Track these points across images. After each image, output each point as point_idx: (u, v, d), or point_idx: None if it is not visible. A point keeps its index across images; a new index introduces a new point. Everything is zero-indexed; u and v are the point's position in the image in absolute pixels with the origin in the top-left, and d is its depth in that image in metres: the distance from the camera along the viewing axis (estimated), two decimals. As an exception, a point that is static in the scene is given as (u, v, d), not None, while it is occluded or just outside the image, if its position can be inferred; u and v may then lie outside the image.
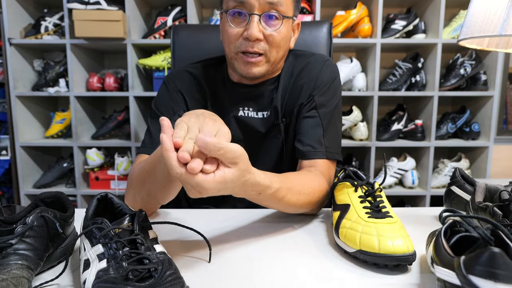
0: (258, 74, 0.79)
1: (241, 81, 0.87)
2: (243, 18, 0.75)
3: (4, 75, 1.92)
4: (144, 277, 0.40)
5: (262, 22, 0.74)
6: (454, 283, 0.37)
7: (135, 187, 0.68)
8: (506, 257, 0.33)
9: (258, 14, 0.73)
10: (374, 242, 0.50)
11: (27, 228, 0.45)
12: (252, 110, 0.86)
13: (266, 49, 0.76)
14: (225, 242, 0.60)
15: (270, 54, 0.77)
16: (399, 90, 1.94)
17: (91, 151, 1.93)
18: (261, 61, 0.77)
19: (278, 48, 0.78)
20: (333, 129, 0.83)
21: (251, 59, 0.76)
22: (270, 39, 0.76)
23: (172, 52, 1.12)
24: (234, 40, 0.76)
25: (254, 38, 0.74)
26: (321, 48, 1.09)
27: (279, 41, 0.77)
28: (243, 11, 0.74)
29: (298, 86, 0.86)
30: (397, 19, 1.89)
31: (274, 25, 0.75)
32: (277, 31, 0.76)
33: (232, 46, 0.77)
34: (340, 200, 0.62)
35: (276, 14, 0.74)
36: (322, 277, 0.49)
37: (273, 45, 0.77)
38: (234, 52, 0.78)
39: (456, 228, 0.45)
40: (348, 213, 0.58)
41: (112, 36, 1.77)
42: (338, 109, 0.87)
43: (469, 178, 0.73)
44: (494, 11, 0.71)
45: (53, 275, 0.46)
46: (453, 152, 2.14)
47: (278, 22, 0.75)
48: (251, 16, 0.73)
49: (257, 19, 0.73)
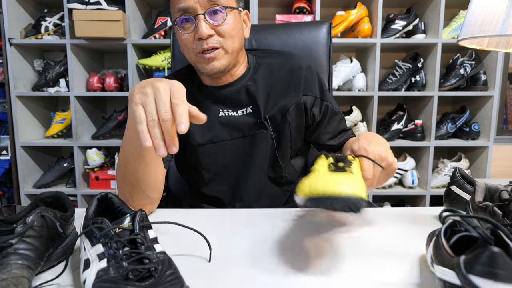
0: (221, 66, 0.81)
1: (212, 83, 0.89)
2: (191, 23, 0.78)
3: (4, 75, 1.92)
4: (144, 276, 0.40)
5: (208, 19, 0.77)
6: (454, 283, 0.37)
7: (120, 184, 0.73)
8: (506, 257, 0.33)
9: (202, 13, 0.77)
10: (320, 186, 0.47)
11: (27, 228, 0.45)
12: (231, 110, 0.88)
13: (220, 41, 0.79)
14: (225, 242, 0.60)
15: (226, 45, 0.80)
16: (399, 90, 1.94)
17: (91, 151, 1.93)
18: (220, 53, 0.80)
19: (232, 38, 0.81)
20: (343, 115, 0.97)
21: (210, 55, 0.79)
22: (221, 31, 0.79)
23: (172, 52, 1.12)
24: (190, 44, 0.80)
25: (206, 36, 0.77)
26: (321, 48, 1.09)
27: (230, 30, 0.80)
28: (188, 16, 0.78)
29: (284, 86, 0.89)
30: (397, 19, 1.89)
31: (220, 18, 0.79)
32: (225, 22, 0.79)
33: (190, 51, 0.81)
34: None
35: (218, 8, 0.78)
36: (322, 277, 0.49)
37: (226, 35, 0.79)
38: (194, 55, 0.81)
39: (456, 228, 0.45)
40: (311, 174, 0.55)
41: (112, 36, 1.77)
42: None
43: (469, 178, 0.73)
44: (494, 11, 0.71)
45: (53, 275, 0.46)
46: (453, 152, 2.14)
47: (222, 14, 0.79)
48: (196, 17, 0.77)
49: (202, 18, 0.77)
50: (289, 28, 1.11)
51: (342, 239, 0.62)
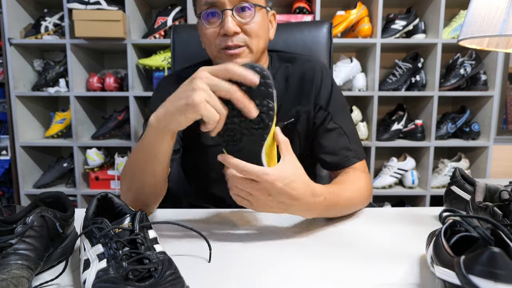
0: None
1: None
2: (217, 17, 0.76)
3: (4, 75, 1.92)
4: (144, 277, 0.40)
5: (235, 15, 0.75)
6: (454, 283, 0.37)
7: (124, 181, 0.70)
8: (506, 257, 0.33)
9: (230, 8, 0.74)
10: None
11: (27, 228, 0.45)
12: None
13: (246, 40, 0.77)
14: (225, 242, 0.60)
15: (252, 45, 0.78)
16: (399, 90, 1.94)
17: (91, 151, 1.93)
18: (244, 52, 0.78)
19: (258, 38, 0.78)
20: (353, 131, 0.87)
21: (234, 51, 0.76)
22: (247, 29, 0.76)
23: (172, 52, 1.12)
24: (213, 39, 0.77)
25: (232, 32, 0.74)
26: (321, 48, 1.09)
27: (257, 30, 0.77)
28: (215, 10, 0.75)
29: (297, 91, 0.86)
30: (397, 19, 1.89)
31: (248, 16, 0.76)
32: (252, 21, 0.76)
33: (213, 46, 0.78)
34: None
35: (247, 4, 0.75)
36: (322, 277, 0.49)
37: (252, 35, 0.77)
38: (216, 51, 0.78)
39: (456, 228, 0.45)
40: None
41: (112, 36, 1.77)
42: (347, 109, 0.90)
43: (469, 178, 0.73)
44: (494, 11, 0.71)
45: (53, 275, 0.46)
46: (453, 152, 2.14)
47: (251, 12, 0.76)
48: (224, 13, 0.74)
49: (230, 14, 0.74)
50: (290, 28, 1.11)
51: (342, 239, 0.62)
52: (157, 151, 0.62)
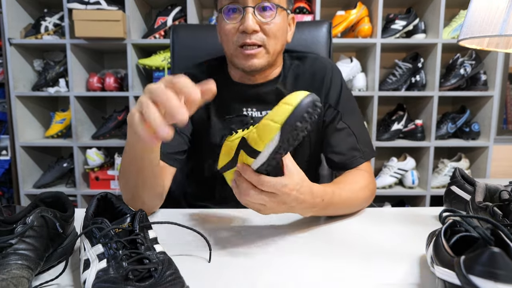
0: (259, 65, 0.79)
1: (242, 81, 0.87)
2: (238, 13, 0.76)
3: (4, 75, 1.92)
4: (144, 277, 0.40)
5: (256, 14, 0.75)
6: (454, 283, 0.37)
7: (121, 181, 0.70)
8: (506, 257, 0.33)
9: (252, 6, 0.74)
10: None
11: (27, 228, 0.45)
12: (255, 110, 0.86)
13: (264, 40, 0.77)
14: (225, 242, 0.60)
15: (269, 45, 0.78)
16: (399, 90, 1.94)
17: (91, 151, 1.93)
18: (261, 52, 0.78)
19: (276, 39, 0.78)
20: (363, 131, 0.87)
21: (250, 51, 0.77)
22: (266, 29, 0.76)
23: (172, 52, 1.11)
24: (231, 35, 0.77)
25: (251, 30, 0.74)
26: (321, 48, 1.09)
27: (276, 31, 0.77)
28: (237, 6, 0.75)
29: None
30: (397, 19, 1.89)
31: (269, 16, 0.76)
32: (273, 21, 0.76)
33: (230, 42, 0.78)
34: (231, 152, 0.57)
35: (269, 4, 0.75)
36: (322, 277, 0.49)
37: (270, 35, 0.77)
38: (233, 48, 0.78)
39: (456, 228, 0.45)
40: (249, 137, 0.53)
41: (112, 36, 1.77)
42: (358, 109, 0.90)
43: (469, 178, 0.73)
44: (494, 11, 0.71)
45: (53, 275, 0.46)
46: (453, 152, 2.14)
47: (272, 12, 0.76)
48: (245, 9, 0.74)
49: (251, 11, 0.74)
50: (289, 28, 1.11)
51: (342, 239, 0.62)
52: (139, 155, 0.61)
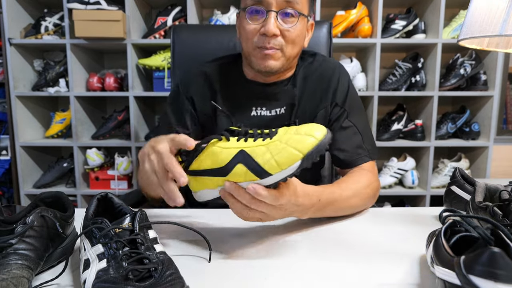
0: (274, 67, 0.80)
1: (255, 78, 0.88)
2: (261, 15, 0.77)
3: (4, 75, 1.92)
4: (144, 277, 0.40)
5: (279, 18, 0.77)
6: (454, 283, 0.37)
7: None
8: (506, 257, 0.33)
9: (275, 11, 0.76)
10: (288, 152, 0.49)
11: (27, 228, 0.45)
12: (265, 109, 0.88)
13: (282, 44, 0.79)
14: (225, 242, 0.60)
15: (286, 50, 0.80)
16: (399, 90, 1.94)
17: (91, 151, 1.93)
18: (277, 54, 0.79)
19: (294, 45, 0.80)
20: (368, 130, 0.89)
21: (268, 51, 0.78)
22: (286, 35, 0.78)
23: (172, 52, 1.12)
24: (252, 36, 0.79)
25: (271, 34, 0.76)
26: (321, 48, 1.09)
27: (295, 37, 0.79)
28: (260, 8, 0.76)
29: (314, 91, 0.89)
30: (397, 19, 1.89)
31: (291, 22, 0.78)
32: (293, 28, 0.78)
33: (250, 42, 0.80)
34: (224, 159, 0.53)
35: (292, 11, 0.77)
36: (322, 277, 0.49)
37: (289, 41, 0.79)
38: (252, 48, 0.80)
39: (456, 228, 0.45)
40: (252, 153, 0.52)
41: (112, 36, 1.77)
42: (364, 110, 0.93)
43: (469, 178, 0.73)
44: (494, 11, 0.71)
45: (53, 275, 0.46)
46: (453, 152, 2.14)
47: (294, 19, 0.78)
48: (268, 13, 0.76)
49: (274, 16, 0.76)
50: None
51: (342, 239, 0.62)
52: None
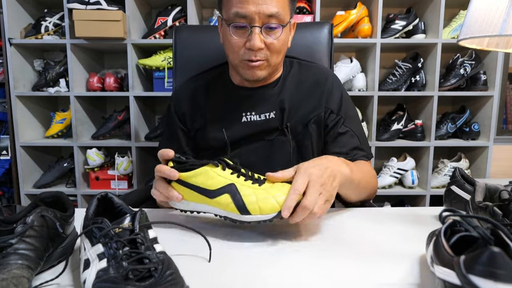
0: (261, 76, 0.84)
1: (243, 83, 0.91)
2: (245, 30, 0.79)
3: (4, 75, 1.92)
4: (144, 276, 0.40)
5: (263, 33, 0.78)
6: (454, 283, 0.37)
7: None
8: (506, 256, 0.33)
9: (259, 26, 0.77)
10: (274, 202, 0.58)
11: (27, 228, 0.45)
12: (254, 113, 0.90)
13: (267, 55, 0.81)
14: (225, 242, 0.60)
15: (272, 59, 0.83)
16: (399, 90, 1.94)
17: (91, 151, 1.93)
18: (263, 65, 0.82)
19: (279, 53, 0.83)
20: (362, 133, 0.94)
21: (255, 64, 0.81)
22: (271, 46, 0.80)
23: (174, 54, 1.12)
24: (237, 49, 0.81)
25: (257, 49, 0.78)
26: (322, 49, 1.09)
27: (280, 47, 0.82)
28: (244, 24, 0.78)
29: (307, 97, 0.91)
30: (397, 19, 1.89)
31: (274, 34, 0.80)
32: (278, 39, 0.80)
33: (236, 55, 0.82)
34: (215, 185, 0.61)
35: (275, 25, 0.78)
36: (322, 277, 0.49)
37: (274, 51, 0.82)
38: (238, 60, 0.83)
39: (456, 228, 0.45)
40: (242, 190, 0.59)
41: (112, 36, 1.77)
42: (357, 114, 0.98)
43: (469, 178, 0.73)
44: (494, 11, 0.71)
45: (53, 274, 0.46)
46: (453, 152, 2.14)
47: (277, 31, 0.80)
48: (252, 29, 0.77)
49: (258, 31, 0.77)
50: (289, 28, 1.11)
51: (342, 239, 0.62)
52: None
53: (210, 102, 0.93)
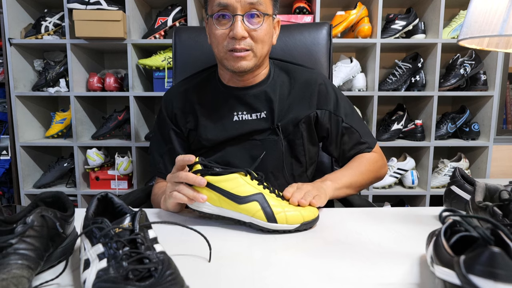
0: (247, 67, 0.84)
1: (232, 83, 0.92)
2: (228, 20, 0.81)
3: (4, 75, 1.92)
4: (144, 276, 0.40)
5: (245, 21, 0.80)
6: (454, 283, 0.37)
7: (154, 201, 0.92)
8: (506, 256, 0.33)
9: (241, 14, 0.79)
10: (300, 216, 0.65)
11: (27, 228, 0.45)
12: (246, 113, 0.91)
13: (252, 45, 0.82)
14: (225, 242, 0.60)
15: (256, 49, 0.84)
16: (399, 90, 1.94)
17: (91, 151, 1.93)
18: (249, 55, 0.83)
19: (263, 43, 0.84)
20: (362, 124, 0.97)
21: (240, 54, 0.82)
22: (254, 35, 0.82)
23: (174, 54, 1.12)
24: (222, 40, 0.83)
25: (240, 36, 0.80)
26: (321, 49, 1.09)
27: (263, 36, 0.83)
28: (227, 13, 0.80)
29: (298, 98, 0.92)
30: (397, 19, 1.89)
31: (257, 22, 0.82)
32: (260, 28, 0.82)
33: (220, 46, 0.83)
34: (244, 192, 0.65)
35: (257, 12, 0.81)
36: (322, 277, 0.49)
37: (258, 40, 0.83)
38: (223, 52, 0.84)
39: (456, 228, 0.45)
40: (269, 200, 0.64)
41: (112, 36, 1.77)
42: (353, 106, 0.99)
43: (469, 178, 0.73)
44: (494, 11, 0.71)
45: (53, 274, 0.46)
46: (453, 152, 2.14)
47: (259, 19, 0.82)
48: (234, 17, 0.79)
49: (240, 19, 0.79)
50: (289, 30, 1.11)
51: (342, 239, 0.62)
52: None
53: (201, 102, 0.94)
